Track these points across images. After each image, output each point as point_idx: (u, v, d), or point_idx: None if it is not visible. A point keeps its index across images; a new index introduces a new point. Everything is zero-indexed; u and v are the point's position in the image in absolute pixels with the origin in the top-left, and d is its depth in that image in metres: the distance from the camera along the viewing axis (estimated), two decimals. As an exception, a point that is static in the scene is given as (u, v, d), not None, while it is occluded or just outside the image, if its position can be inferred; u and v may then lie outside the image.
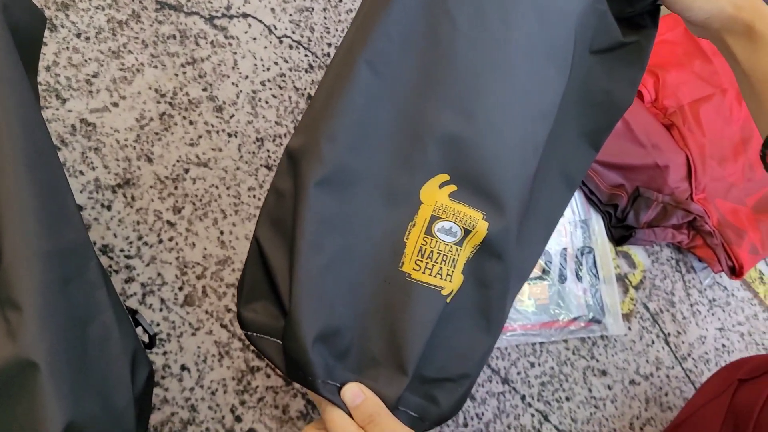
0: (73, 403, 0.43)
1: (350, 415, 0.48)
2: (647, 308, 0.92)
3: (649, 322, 0.91)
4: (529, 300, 0.83)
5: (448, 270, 0.50)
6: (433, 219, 0.49)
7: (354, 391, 0.48)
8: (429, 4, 0.47)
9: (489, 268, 0.51)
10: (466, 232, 0.49)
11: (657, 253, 0.95)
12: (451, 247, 0.50)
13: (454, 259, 0.50)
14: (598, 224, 0.90)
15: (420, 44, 0.47)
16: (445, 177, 0.48)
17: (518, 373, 0.82)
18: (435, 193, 0.49)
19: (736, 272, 0.92)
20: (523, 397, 0.81)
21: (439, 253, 0.49)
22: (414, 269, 0.49)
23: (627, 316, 0.90)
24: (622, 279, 0.91)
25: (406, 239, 0.49)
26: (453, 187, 0.49)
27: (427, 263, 0.49)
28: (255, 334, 0.50)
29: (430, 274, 0.49)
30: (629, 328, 0.89)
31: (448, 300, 0.50)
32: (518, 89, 0.49)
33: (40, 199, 0.44)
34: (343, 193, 0.48)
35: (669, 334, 0.92)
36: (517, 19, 0.48)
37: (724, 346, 0.95)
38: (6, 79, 0.45)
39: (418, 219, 0.49)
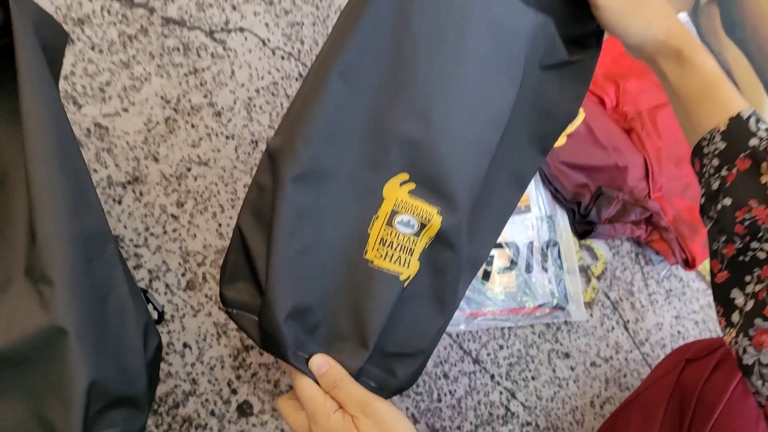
0: (96, 364, 0.50)
1: (317, 383, 0.55)
2: (608, 297, 1.00)
3: (610, 309, 1.00)
4: (498, 288, 0.91)
5: (405, 258, 0.57)
6: (394, 213, 0.56)
7: (320, 361, 0.55)
8: (394, 23, 0.53)
9: (443, 257, 0.58)
10: (423, 225, 0.56)
11: (618, 247, 1.04)
12: (409, 237, 0.57)
13: (411, 248, 0.57)
14: (563, 220, 0.99)
15: (386, 58, 0.53)
16: (405, 176, 0.55)
17: (488, 355, 0.90)
18: (396, 190, 0.56)
19: (689, 264, 1.01)
20: (492, 376, 0.89)
21: (398, 243, 0.57)
22: (376, 257, 0.56)
23: (589, 304, 0.98)
24: (585, 270, 1.00)
25: (370, 230, 0.56)
26: (412, 185, 0.56)
27: (387, 251, 0.56)
28: (235, 310, 0.58)
29: (390, 261, 0.57)
30: (591, 315, 0.98)
31: (405, 284, 0.57)
32: (472, 99, 0.55)
33: (68, 189, 0.51)
34: (317, 188, 0.54)
35: (628, 321, 1.00)
36: (472, 37, 0.54)
37: (679, 332, 1.04)
38: (39, 89, 0.53)
39: (381, 212, 0.56)
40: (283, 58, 0.88)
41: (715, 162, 0.58)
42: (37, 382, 0.48)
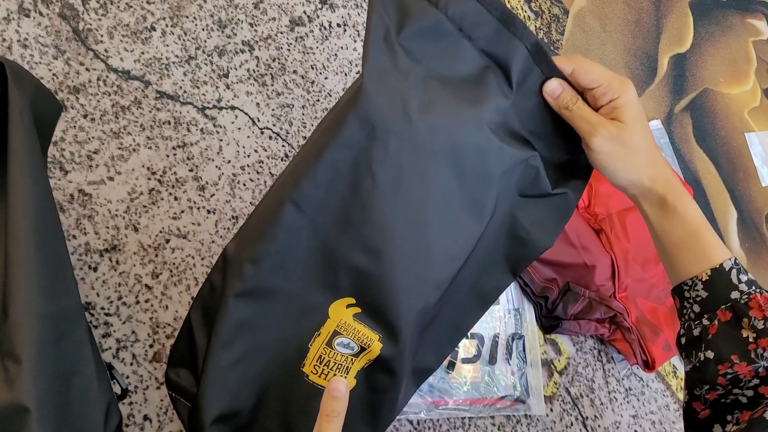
0: (55, 444, 0.50)
1: None
2: (569, 392, 1.02)
3: (570, 405, 1.01)
4: (462, 378, 0.93)
5: (341, 376, 0.59)
6: (335, 334, 0.58)
7: None
8: (356, 161, 0.53)
9: (380, 379, 0.59)
10: (362, 349, 0.58)
11: (581, 343, 1.06)
12: (347, 357, 0.59)
13: (348, 367, 0.59)
14: (529, 313, 1.01)
15: (343, 192, 0.54)
16: (352, 300, 0.57)
17: (447, 444, 0.91)
18: (341, 312, 0.58)
19: (649, 366, 1.03)
20: (449, 466, 0.90)
21: (335, 363, 0.59)
22: (312, 372, 0.59)
23: (550, 399, 1.00)
24: (548, 364, 1.02)
25: (310, 345, 0.58)
26: (357, 309, 0.58)
27: (323, 369, 0.59)
28: (174, 395, 0.60)
29: (325, 379, 0.59)
30: (551, 410, 0.99)
31: None
32: (429, 236, 0.56)
33: (44, 268, 0.52)
34: (260, 304, 0.56)
35: (587, 417, 1.02)
36: (435, 179, 0.55)
37: (636, 432, 1.06)
38: (27, 168, 0.54)
39: (323, 330, 0.58)
40: (270, 138, 0.91)
41: (696, 308, 0.60)
42: (-6, 461, 0.49)
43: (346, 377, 0.59)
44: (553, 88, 0.58)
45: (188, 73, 0.88)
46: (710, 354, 0.58)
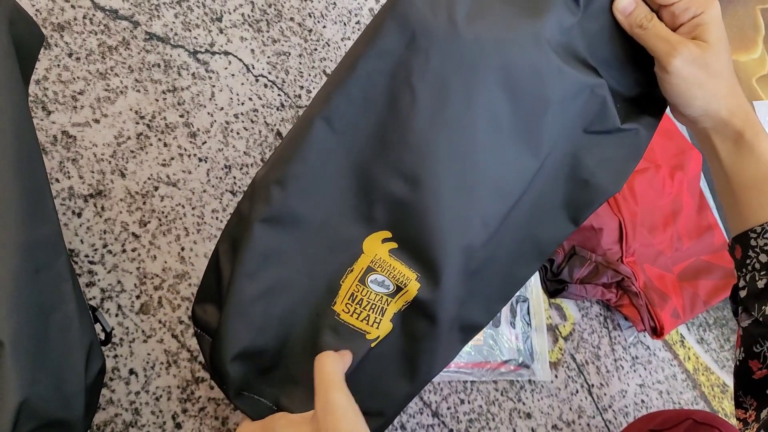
0: (30, 382, 0.46)
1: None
2: (574, 359, 0.98)
3: (575, 372, 0.98)
4: (464, 340, 0.89)
5: (375, 317, 0.53)
6: (369, 270, 0.52)
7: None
8: (393, 74, 0.48)
9: (418, 325, 0.54)
10: (399, 288, 0.53)
11: (587, 309, 1.03)
12: (382, 297, 0.53)
13: (383, 308, 0.53)
14: (534, 276, 0.97)
15: (379, 109, 0.49)
16: (388, 234, 0.52)
17: (448, 408, 0.87)
18: (377, 247, 0.52)
19: (657, 332, 1.00)
20: (450, 431, 0.86)
21: (369, 302, 0.53)
22: (344, 311, 0.53)
23: (555, 365, 0.96)
24: (552, 329, 0.98)
25: (342, 281, 0.53)
26: (394, 245, 0.52)
27: (356, 308, 0.53)
28: (199, 330, 0.55)
29: (358, 319, 0.53)
30: (556, 376, 0.96)
31: (372, 345, 0.54)
32: (474, 166, 0.50)
33: (22, 193, 0.48)
34: (288, 233, 0.51)
35: (593, 385, 0.98)
36: (483, 100, 0.49)
37: (642, 401, 1.02)
38: (5, 87, 0.51)
39: (356, 266, 0.53)
40: (266, 86, 0.87)
41: (763, 258, 0.55)
42: (-35, 396, 0.45)
43: (381, 319, 0.54)
44: (626, 4, 0.52)
45: (179, 15, 0.84)
46: None
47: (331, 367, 0.49)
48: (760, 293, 0.55)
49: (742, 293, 0.57)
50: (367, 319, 0.53)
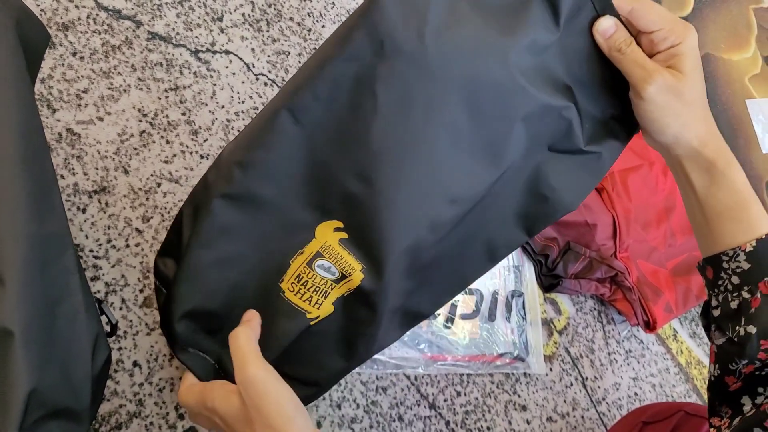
0: (39, 371, 0.48)
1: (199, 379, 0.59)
2: (569, 352, 1.00)
3: (570, 365, 0.99)
4: (462, 333, 0.91)
5: (318, 299, 0.56)
6: (317, 255, 0.55)
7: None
8: (358, 78, 0.49)
9: (359, 311, 0.56)
10: (343, 276, 0.55)
11: (581, 303, 1.05)
12: (327, 281, 0.56)
13: (326, 291, 0.56)
14: (529, 271, 0.99)
15: (342, 110, 0.51)
16: (340, 224, 0.54)
17: (445, 400, 0.89)
18: (328, 234, 0.54)
19: (650, 326, 1.02)
20: (447, 423, 0.88)
21: (313, 285, 0.56)
22: (289, 289, 0.56)
23: (549, 358, 0.98)
24: (547, 323, 1.00)
25: (292, 261, 0.56)
26: (344, 235, 0.54)
27: (300, 289, 0.56)
28: (158, 284, 0.59)
29: (300, 299, 0.56)
30: (550, 369, 0.97)
31: (312, 323, 0.57)
32: (426, 174, 0.52)
33: (31, 189, 0.50)
34: (245, 211, 0.54)
35: (587, 378, 1.00)
36: (444, 113, 0.50)
37: (636, 394, 1.04)
38: (13, 85, 0.52)
39: (307, 249, 0.55)
40: (266, 84, 0.88)
41: (735, 280, 0.57)
42: (-25, 384, 0.47)
43: (324, 301, 0.57)
44: (606, 27, 0.52)
45: (181, 14, 0.85)
46: (752, 329, 0.55)
47: (244, 341, 0.52)
48: (734, 314, 0.57)
49: (716, 312, 0.58)
50: (309, 300, 0.56)
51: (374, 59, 0.49)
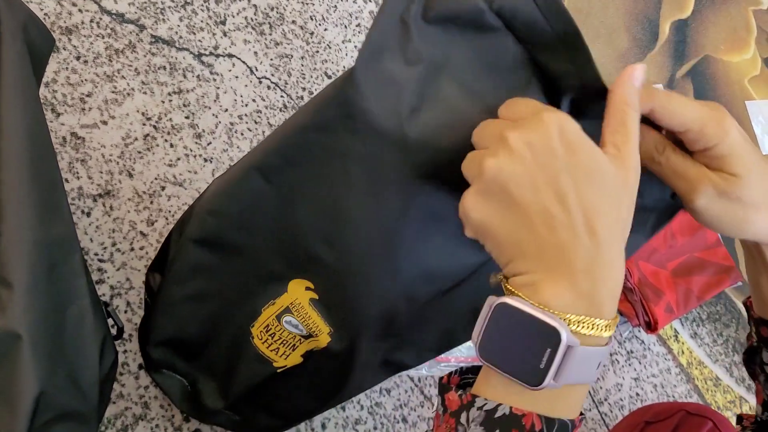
0: (48, 374, 0.48)
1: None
2: (571, 353, 1.00)
3: (572, 366, 1.00)
4: (463, 335, 0.91)
5: (285, 351, 0.57)
6: (286, 311, 0.55)
7: None
8: (331, 149, 0.46)
9: (328, 366, 0.56)
10: (310, 335, 0.55)
11: (583, 305, 1.05)
12: (295, 336, 0.56)
13: (294, 345, 0.57)
14: (531, 273, 1.00)
15: (312, 175, 0.48)
16: (310, 284, 0.53)
17: (448, 402, 0.89)
18: (299, 292, 0.54)
19: (651, 327, 1.02)
20: (450, 424, 0.88)
21: (281, 338, 0.56)
22: (257, 336, 0.57)
23: (552, 359, 0.98)
24: (549, 325, 1.00)
25: (263, 310, 0.56)
26: (314, 295, 0.53)
27: (268, 339, 0.57)
28: (147, 298, 0.61)
29: (268, 348, 0.57)
30: (553, 370, 0.98)
31: (278, 371, 0.58)
32: (401, 252, 0.49)
33: (38, 194, 0.50)
34: (218, 255, 0.54)
35: (589, 379, 1.01)
36: (421, 199, 0.47)
37: (638, 394, 1.04)
38: (20, 89, 0.52)
39: (278, 302, 0.55)
40: (269, 87, 0.89)
41: None
42: (-16, 387, 0.47)
43: (291, 353, 0.57)
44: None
45: (184, 18, 0.86)
46: None
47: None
48: None
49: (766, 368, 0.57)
50: (276, 350, 0.57)
51: (345, 133, 0.45)
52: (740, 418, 0.64)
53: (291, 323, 0.55)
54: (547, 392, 0.37)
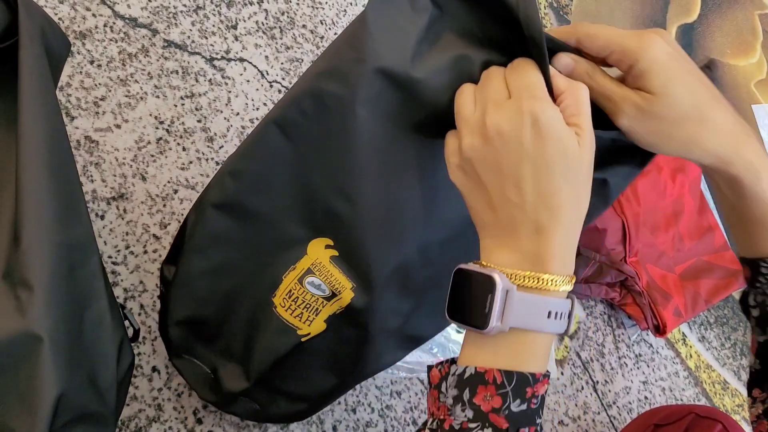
0: (67, 376, 0.48)
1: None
2: (579, 357, 1.01)
3: (581, 369, 1.00)
4: (473, 338, 0.91)
5: (309, 316, 0.57)
6: (308, 272, 0.55)
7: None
8: (343, 97, 0.47)
9: (350, 330, 0.57)
10: (333, 294, 0.55)
11: (592, 308, 1.05)
12: (317, 299, 0.56)
13: (318, 309, 0.57)
14: (540, 276, 1.00)
15: (326, 127, 0.49)
16: (330, 242, 0.54)
17: (458, 404, 0.89)
18: (320, 251, 0.55)
19: (660, 330, 1.02)
20: (460, 427, 0.88)
21: (304, 302, 0.56)
22: (280, 305, 0.57)
23: (560, 362, 0.99)
24: (558, 328, 1.01)
25: (284, 277, 0.56)
26: (335, 252, 0.54)
27: (291, 305, 0.57)
28: (162, 288, 0.61)
29: (292, 315, 0.57)
30: (562, 373, 0.98)
31: (303, 339, 0.58)
32: (409, 195, 0.51)
33: (57, 197, 0.51)
34: (238, 221, 0.55)
35: (597, 382, 1.01)
36: (428, 138, 0.49)
37: (646, 398, 1.04)
38: (39, 95, 0.53)
39: (298, 266, 0.55)
40: (279, 91, 0.89)
41: None
42: (4, 389, 0.47)
43: (315, 318, 0.57)
44: (565, 63, 0.48)
45: (196, 23, 0.86)
46: None
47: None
48: None
49: (755, 312, 0.58)
50: (300, 316, 0.57)
51: (357, 79, 0.47)
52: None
53: (314, 284, 0.56)
54: (506, 347, 0.44)
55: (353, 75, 0.47)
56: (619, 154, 0.52)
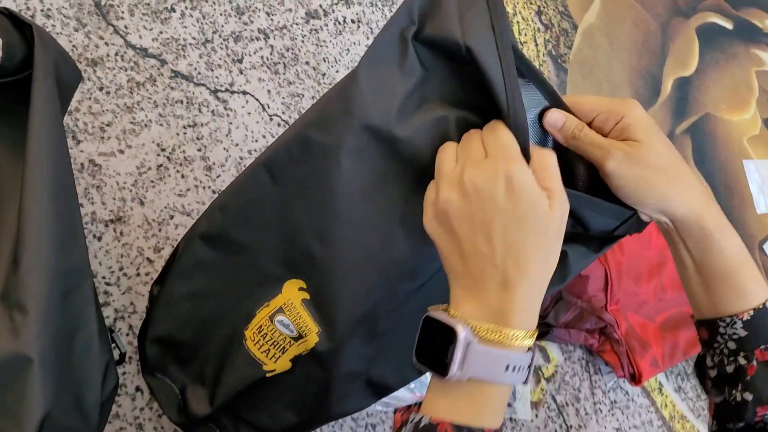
0: (54, 396, 0.50)
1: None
2: (555, 400, 1.03)
3: (555, 412, 1.02)
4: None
5: (275, 353, 0.60)
6: (279, 310, 0.58)
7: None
8: (328, 146, 0.51)
9: (313, 372, 0.59)
10: (300, 335, 0.58)
11: (570, 352, 1.08)
12: (285, 337, 0.59)
13: (284, 347, 0.59)
14: (522, 318, 1.02)
15: (311, 173, 0.53)
16: (303, 284, 0.57)
17: (432, 440, 0.91)
18: (293, 292, 0.57)
19: (635, 379, 1.05)
20: (433, 462, 0.90)
21: (272, 339, 0.59)
22: (250, 338, 0.60)
23: (536, 404, 1.01)
24: (536, 370, 1.03)
25: (258, 312, 0.59)
26: (306, 295, 0.57)
27: (260, 340, 0.60)
28: (149, 307, 0.65)
29: (259, 350, 0.60)
30: (536, 415, 1.00)
31: (267, 375, 0.61)
32: (383, 245, 0.53)
33: (57, 223, 0.53)
34: (223, 253, 0.58)
35: (571, 426, 1.03)
36: (402, 193, 0.52)
37: (619, 444, 1.06)
38: (47, 127, 0.55)
39: (272, 303, 0.58)
40: (279, 125, 0.92)
41: (732, 345, 0.58)
42: (-7, 408, 0.49)
43: (281, 356, 0.59)
44: (556, 118, 0.53)
45: (203, 55, 0.90)
46: (749, 396, 0.56)
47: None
48: (730, 378, 0.58)
49: (712, 372, 0.60)
50: (267, 352, 0.60)
51: (344, 129, 0.50)
52: None
53: (282, 323, 0.58)
54: (465, 396, 0.46)
55: (340, 127, 0.50)
56: (579, 236, 0.56)
